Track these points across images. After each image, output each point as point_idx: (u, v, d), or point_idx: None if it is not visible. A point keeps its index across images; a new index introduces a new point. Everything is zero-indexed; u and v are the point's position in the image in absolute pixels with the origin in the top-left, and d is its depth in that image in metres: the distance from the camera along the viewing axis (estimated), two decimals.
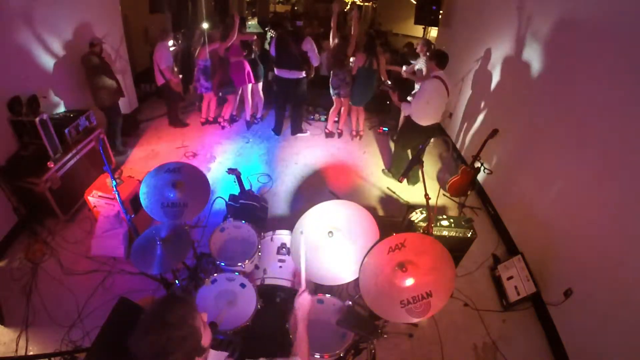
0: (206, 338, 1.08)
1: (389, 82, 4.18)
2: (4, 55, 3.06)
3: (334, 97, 5.05)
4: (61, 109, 3.85)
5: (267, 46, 6.16)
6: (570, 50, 2.86)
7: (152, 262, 2.09)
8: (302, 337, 1.42)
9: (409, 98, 4.41)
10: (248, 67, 4.94)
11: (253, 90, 5.38)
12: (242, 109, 5.69)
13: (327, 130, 5.51)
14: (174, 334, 0.98)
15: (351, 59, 4.78)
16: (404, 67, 4.94)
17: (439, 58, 3.63)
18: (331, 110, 5.28)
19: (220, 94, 5.29)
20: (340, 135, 5.52)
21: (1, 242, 3.10)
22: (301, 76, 4.80)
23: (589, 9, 2.68)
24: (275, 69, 4.90)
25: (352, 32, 4.62)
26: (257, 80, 5.28)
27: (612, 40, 2.44)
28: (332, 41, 4.75)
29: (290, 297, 2.27)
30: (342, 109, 5.21)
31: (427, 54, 3.87)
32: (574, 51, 2.80)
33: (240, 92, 5.41)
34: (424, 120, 3.89)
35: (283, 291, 2.34)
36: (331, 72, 4.92)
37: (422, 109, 3.77)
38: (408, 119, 4.02)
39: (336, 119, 5.45)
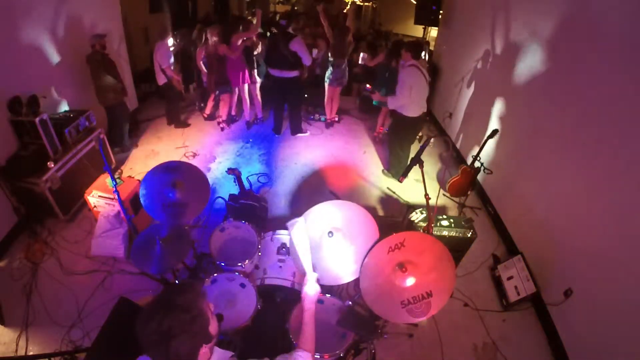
0: (213, 327, 1.08)
1: (368, 87, 4.29)
2: (4, 55, 3.06)
3: (329, 86, 5.25)
4: (61, 109, 3.85)
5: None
6: (570, 50, 2.85)
7: (152, 262, 2.09)
8: (309, 328, 1.37)
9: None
10: (245, 67, 4.96)
11: (251, 90, 5.40)
12: (241, 109, 5.69)
13: (328, 120, 5.70)
14: (181, 316, 0.98)
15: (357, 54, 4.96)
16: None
17: (412, 50, 3.82)
18: (325, 101, 5.52)
19: (217, 92, 5.28)
20: (332, 125, 5.75)
21: (1, 242, 3.10)
22: (293, 75, 4.79)
23: (589, 8, 2.68)
24: (269, 69, 4.92)
25: (346, 23, 4.90)
26: (254, 81, 5.30)
27: (613, 39, 2.44)
28: (328, 34, 4.92)
29: (290, 297, 2.28)
30: (333, 98, 5.49)
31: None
32: (574, 51, 2.80)
33: (237, 92, 5.41)
34: (412, 111, 3.92)
35: (283, 291, 2.33)
36: (331, 64, 5.06)
37: (407, 97, 3.80)
38: (396, 115, 4.07)
39: (337, 118, 5.64)
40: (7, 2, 3.07)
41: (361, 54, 5.00)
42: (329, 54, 5.06)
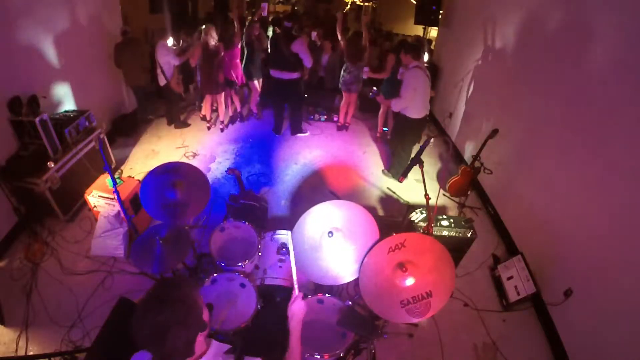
0: (205, 315, 1.09)
1: (375, 89, 4.28)
2: (5, 55, 3.06)
3: (344, 92, 5.22)
4: (61, 109, 3.85)
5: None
6: (571, 50, 2.85)
7: (152, 262, 2.09)
8: (295, 348, 1.34)
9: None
10: (240, 67, 5.12)
11: (252, 87, 5.49)
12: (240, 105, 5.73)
13: (339, 124, 5.70)
14: (176, 308, 0.98)
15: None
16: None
17: (414, 51, 3.82)
18: (341, 104, 5.48)
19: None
20: (347, 128, 5.70)
21: (1, 242, 3.10)
22: (294, 77, 4.78)
23: (591, 7, 2.68)
24: (270, 70, 4.92)
25: (362, 31, 4.82)
26: (250, 78, 5.33)
27: (614, 39, 2.44)
28: (342, 41, 4.92)
29: (290, 298, 2.27)
30: (349, 104, 5.43)
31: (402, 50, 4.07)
32: (575, 51, 2.80)
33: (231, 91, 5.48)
34: (415, 112, 3.91)
35: (283, 291, 2.33)
36: (344, 69, 5.03)
37: (411, 98, 3.80)
38: (399, 116, 4.05)
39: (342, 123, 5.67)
40: (7, 2, 3.07)
41: (364, 69, 4.94)
42: (344, 59, 5.04)
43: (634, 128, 2.19)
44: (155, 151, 4.83)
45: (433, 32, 7.22)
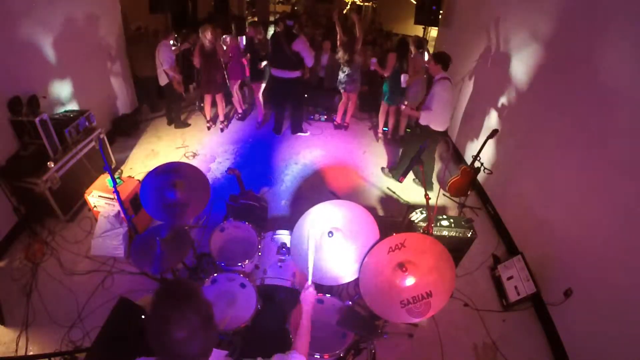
0: None
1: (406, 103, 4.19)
2: (4, 55, 3.06)
3: (342, 92, 5.29)
4: (61, 109, 3.85)
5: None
6: (571, 50, 2.85)
7: (152, 262, 2.09)
8: (305, 329, 1.43)
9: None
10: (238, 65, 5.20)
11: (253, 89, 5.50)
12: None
13: (336, 122, 5.73)
14: (200, 308, 0.95)
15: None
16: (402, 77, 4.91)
17: (445, 62, 3.66)
18: (340, 103, 5.51)
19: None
20: (346, 128, 5.71)
21: (1, 242, 3.10)
22: (295, 76, 4.79)
23: (590, 7, 2.68)
24: (271, 69, 4.92)
25: (357, 33, 4.79)
26: (257, 80, 5.32)
27: (614, 39, 2.44)
28: (342, 41, 4.94)
29: (290, 297, 2.28)
30: (349, 103, 5.44)
31: (421, 51, 3.96)
32: (575, 51, 2.80)
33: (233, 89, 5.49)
34: (441, 125, 3.83)
35: (283, 291, 2.34)
36: (340, 69, 5.10)
37: (441, 113, 3.71)
38: (422, 126, 3.89)
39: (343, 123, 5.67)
40: (8, 2, 3.07)
41: (372, 60, 4.94)
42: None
43: (635, 127, 2.19)
44: (155, 151, 4.83)
45: (433, 32, 7.22)
